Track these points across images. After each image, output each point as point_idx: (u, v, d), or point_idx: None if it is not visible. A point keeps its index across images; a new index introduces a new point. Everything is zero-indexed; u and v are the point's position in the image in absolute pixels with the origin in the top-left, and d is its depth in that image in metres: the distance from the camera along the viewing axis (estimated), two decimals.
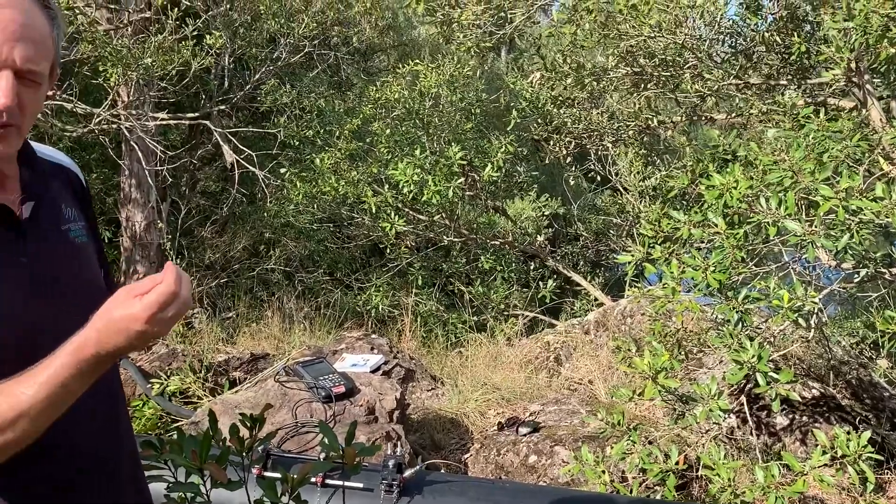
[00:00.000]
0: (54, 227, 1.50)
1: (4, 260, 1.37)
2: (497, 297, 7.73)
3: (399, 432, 3.77)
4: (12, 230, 1.40)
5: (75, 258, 1.52)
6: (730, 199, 3.34)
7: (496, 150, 6.80)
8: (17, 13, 1.29)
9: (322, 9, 7.88)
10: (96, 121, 5.96)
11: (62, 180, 1.60)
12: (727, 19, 5.51)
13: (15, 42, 1.28)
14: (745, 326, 3.29)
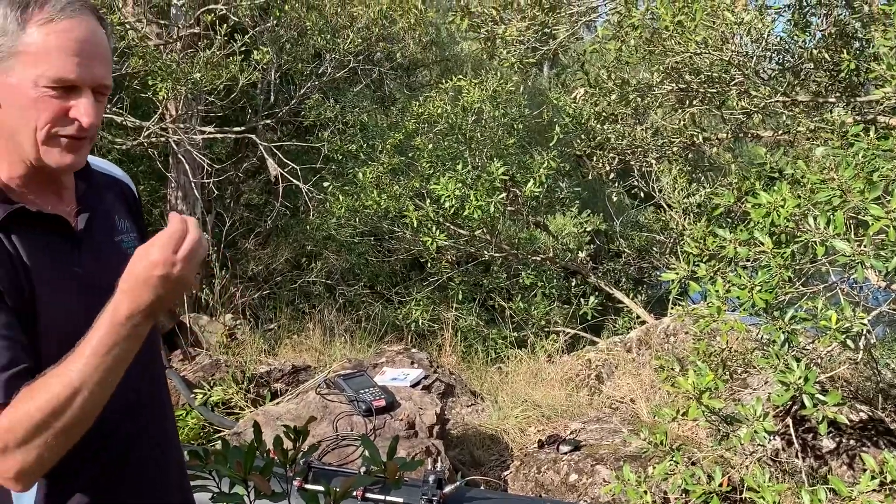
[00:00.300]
0: (108, 238, 1.53)
1: (60, 270, 1.40)
2: (538, 313, 7.70)
3: (439, 448, 3.76)
4: (68, 241, 1.43)
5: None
6: (777, 218, 3.29)
7: (539, 165, 6.79)
8: (89, 33, 1.34)
9: (367, 24, 7.98)
10: (145, 134, 6.10)
11: (115, 193, 1.64)
12: (775, 36, 5.45)
13: (91, 61, 1.33)
14: (792, 347, 3.24)
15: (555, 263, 7.99)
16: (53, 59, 1.30)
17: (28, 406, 1.21)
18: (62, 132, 1.34)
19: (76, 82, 1.32)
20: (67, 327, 1.34)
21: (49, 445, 1.21)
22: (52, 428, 1.21)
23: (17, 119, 1.33)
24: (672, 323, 5.63)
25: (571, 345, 7.31)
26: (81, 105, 1.33)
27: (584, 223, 9.39)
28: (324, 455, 3.59)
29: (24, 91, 1.31)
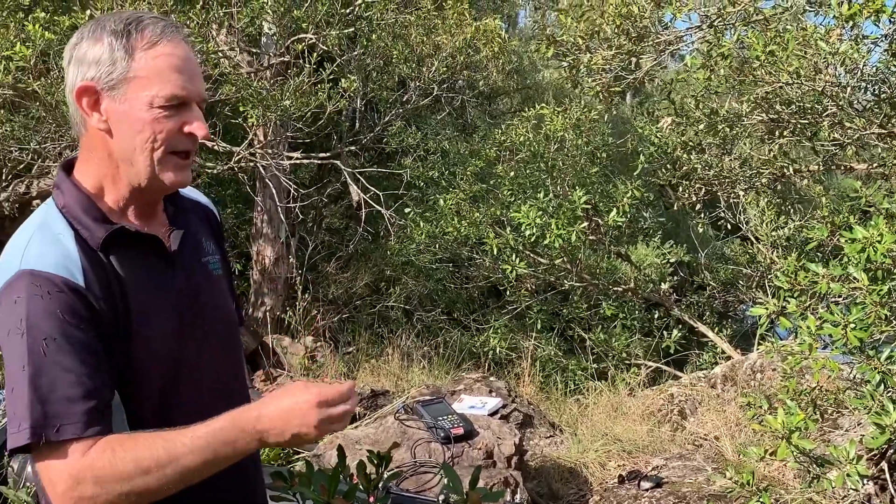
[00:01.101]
0: (196, 258, 1.61)
1: (156, 288, 1.47)
2: (618, 345, 7.61)
3: (517, 479, 3.75)
4: (163, 260, 1.51)
5: (214, 290, 1.63)
6: (873, 254, 3.21)
7: (622, 194, 6.74)
8: (188, 51, 1.45)
9: (452, 53, 8.09)
10: (235, 159, 6.30)
11: (200, 216, 1.71)
12: (870, 66, 5.32)
13: (194, 77, 1.44)
14: (888, 388, 3.14)
15: (636, 295, 7.89)
16: (165, 80, 1.39)
17: (124, 454, 1.27)
18: (178, 148, 1.43)
19: (187, 98, 1.42)
20: (160, 344, 1.41)
21: (123, 497, 1.27)
22: (133, 483, 1.26)
23: (132, 143, 1.41)
24: (759, 359, 5.50)
25: (653, 379, 7.20)
26: (194, 120, 1.43)
27: (667, 254, 9.28)
28: (402, 481, 3.62)
29: (137, 114, 1.40)
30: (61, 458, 1.26)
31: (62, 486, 1.25)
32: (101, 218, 1.43)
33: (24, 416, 1.26)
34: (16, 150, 6.17)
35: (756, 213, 7.80)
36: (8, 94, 5.57)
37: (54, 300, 1.31)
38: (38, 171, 6.47)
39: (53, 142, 6.13)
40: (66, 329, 1.30)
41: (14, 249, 1.38)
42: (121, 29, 1.39)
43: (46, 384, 1.27)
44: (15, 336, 1.29)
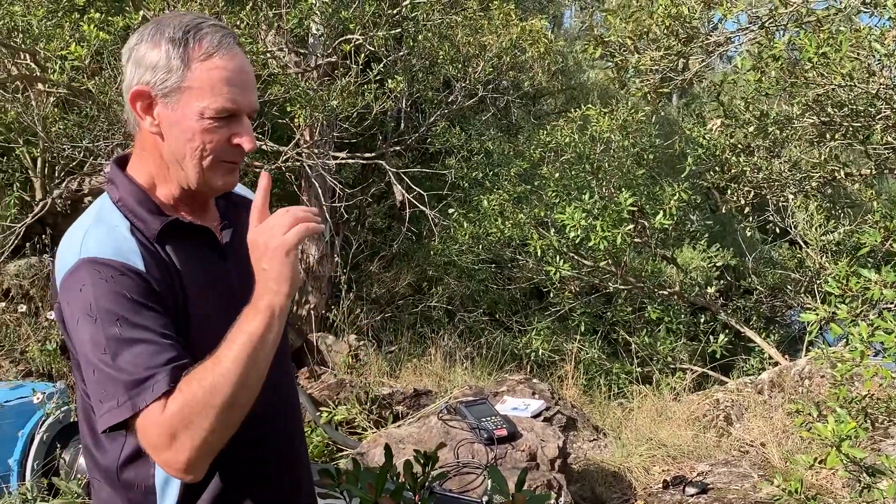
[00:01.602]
0: (247, 253, 1.65)
1: (209, 278, 1.52)
2: (663, 349, 7.55)
3: (561, 482, 3.75)
4: (215, 252, 1.56)
5: None
6: None
7: (669, 197, 6.69)
8: (243, 63, 1.47)
9: (498, 54, 8.09)
10: (283, 158, 6.38)
11: (250, 213, 1.77)
12: None
13: (247, 90, 1.47)
14: None
15: (682, 298, 7.83)
16: (217, 92, 1.42)
17: (191, 387, 1.30)
18: (226, 158, 1.47)
19: (237, 111, 1.45)
20: (214, 333, 1.43)
21: (212, 428, 1.29)
22: (213, 407, 1.28)
23: (182, 149, 1.45)
24: (807, 365, 5.43)
25: (698, 383, 7.14)
26: (243, 132, 1.46)
27: (713, 257, 9.18)
28: (445, 481, 3.64)
29: (189, 123, 1.44)
30: (151, 424, 1.30)
31: (163, 450, 1.29)
32: (156, 210, 1.49)
33: (117, 393, 1.30)
34: (69, 148, 6.31)
35: (805, 217, 7.69)
36: (62, 92, 5.71)
37: (118, 282, 1.35)
38: (90, 168, 6.61)
39: (105, 140, 6.25)
40: (134, 307, 1.35)
41: (72, 241, 1.43)
42: (179, 37, 1.42)
43: (129, 360, 1.31)
44: (87, 323, 1.34)
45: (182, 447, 1.28)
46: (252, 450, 1.54)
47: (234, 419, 1.33)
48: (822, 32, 4.80)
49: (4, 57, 5.83)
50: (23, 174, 6.74)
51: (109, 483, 1.50)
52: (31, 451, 3.94)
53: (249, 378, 1.32)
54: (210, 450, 1.31)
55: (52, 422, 4.02)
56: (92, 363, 1.33)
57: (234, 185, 1.55)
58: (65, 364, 5.21)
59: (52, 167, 6.73)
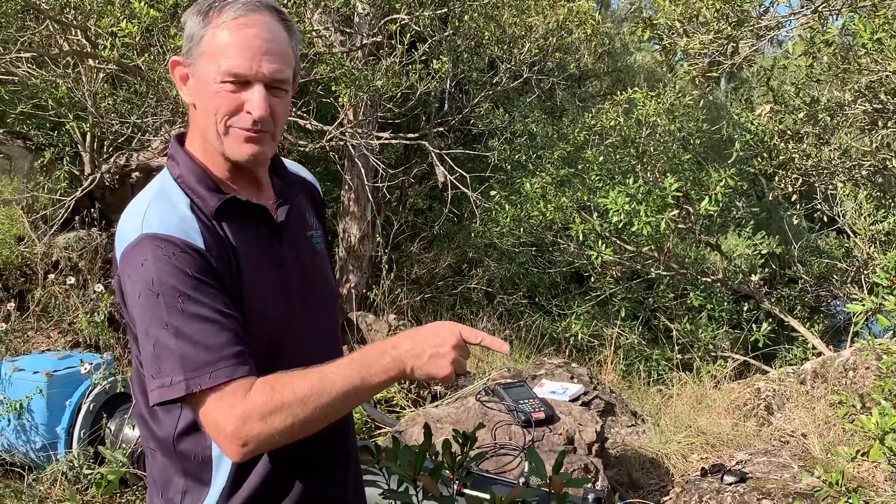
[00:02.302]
0: (301, 232, 1.67)
1: (263, 255, 1.54)
2: (705, 337, 7.49)
3: (598, 466, 3.75)
4: (269, 230, 1.57)
5: (317, 263, 1.69)
6: None
7: (715, 182, 6.61)
8: (262, 30, 1.45)
9: (544, 35, 8.04)
10: (327, 137, 6.41)
11: (305, 192, 1.77)
12: None
13: (262, 56, 1.45)
14: None
15: (725, 285, 7.75)
16: (226, 55, 1.43)
17: (284, 386, 1.34)
18: (237, 125, 1.47)
19: (247, 76, 1.44)
20: (268, 309, 1.47)
21: (283, 431, 1.33)
22: (293, 415, 1.33)
23: (205, 114, 1.48)
24: (852, 357, 5.35)
25: (740, 372, 7.07)
26: (252, 98, 1.45)
27: (758, 245, 9.08)
28: (481, 462, 3.67)
29: (206, 87, 1.46)
30: (224, 401, 1.32)
31: (231, 427, 1.31)
32: (214, 188, 1.51)
33: (174, 370, 1.33)
34: (117, 124, 6.41)
35: (854, 206, 7.55)
36: (112, 69, 5.78)
37: (180, 259, 1.37)
38: (138, 144, 6.71)
39: (153, 116, 6.34)
40: (196, 284, 1.37)
41: (133, 216, 1.45)
42: (205, 7, 1.45)
43: (190, 337, 1.34)
44: (150, 297, 1.36)
45: (249, 433, 1.31)
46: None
47: (304, 432, 1.37)
48: (877, 17, 4.69)
49: (56, 32, 5.92)
50: (72, 149, 6.85)
51: (165, 453, 1.53)
52: (78, 419, 4.04)
53: (338, 408, 1.37)
54: (271, 445, 1.36)
55: (99, 392, 4.12)
56: (151, 338, 1.36)
57: (262, 157, 1.53)
58: (112, 335, 5.31)
59: (101, 142, 6.82)
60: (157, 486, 1.57)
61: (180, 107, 5.77)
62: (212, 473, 1.51)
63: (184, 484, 1.52)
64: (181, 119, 6.03)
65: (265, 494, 1.54)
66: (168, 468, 1.53)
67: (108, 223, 6.26)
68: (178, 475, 1.52)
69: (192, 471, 1.51)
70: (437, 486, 1.91)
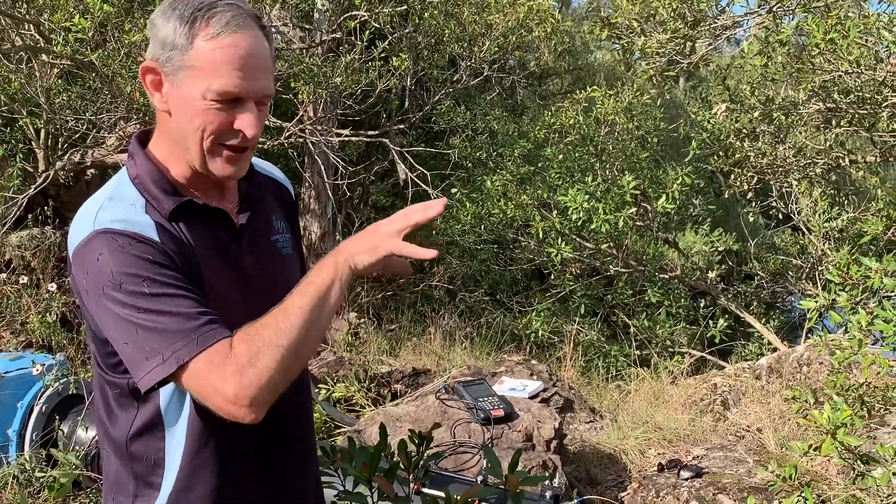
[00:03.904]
0: (265, 236, 1.64)
1: (222, 258, 1.51)
2: (662, 333, 7.56)
3: (556, 462, 3.76)
4: (229, 234, 1.55)
5: (280, 267, 1.65)
6: None
7: (672, 180, 6.67)
8: (253, 46, 1.42)
9: (504, 33, 8.04)
10: (286, 134, 6.35)
11: (274, 193, 1.74)
12: None
13: (254, 74, 1.42)
14: None
15: (683, 282, 7.83)
16: (219, 74, 1.38)
17: (257, 329, 1.33)
18: (226, 142, 1.44)
19: (240, 95, 1.41)
20: (230, 315, 1.42)
21: (277, 367, 1.31)
22: (278, 347, 1.31)
23: (186, 126, 1.43)
24: (806, 352, 5.43)
25: (696, 368, 7.15)
26: (245, 117, 1.42)
27: (715, 242, 9.18)
28: (440, 460, 3.65)
29: (192, 102, 1.41)
30: (214, 363, 1.31)
31: (232, 388, 1.29)
32: (171, 190, 1.48)
33: (161, 347, 1.31)
34: (72, 120, 6.29)
35: (808, 204, 7.66)
36: (66, 64, 5.67)
37: (136, 248, 1.35)
38: (93, 140, 6.59)
39: (108, 112, 6.23)
40: (156, 269, 1.35)
41: (86, 214, 1.42)
42: (188, 15, 1.38)
43: (165, 312, 1.32)
44: (111, 291, 1.33)
45: (249, 384, 1.29)
46: (269, 418, 1.53)
47: (296, 366, 1.35)
48: (830, 18, 4.75)
49: (9, 27, 5.79)
50: (26, 145, 6.72)
51: (118, 455, 1.51)
52: (30, 421, 3.95)
53: (312, 328, 1.34)
54: (273, 389, 1.32)
55: (52, 393, 4.03)
56: (125, 327, 1.34)
57: (240, 174, 1.51)
58: (65, 336, 5.21)
59: (56, 139, 6.70)
60: (111, 488, 1.56)
61: (135, 103, 5.67)
62: (162, 477, 1.49)
63: (133, 487, 1.51)
64: (136, 116, 5.93)
65: (218, 496, 1.52)
66: (120, 470, 1.52)
67: (62, 221, 6.14)
68: (129, 478, 1.51)
69: (141, 474, 1.50)
70: (391, 486, 1.90)
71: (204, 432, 1.48)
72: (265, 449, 1.57)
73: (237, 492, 1.55)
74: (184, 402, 1.47)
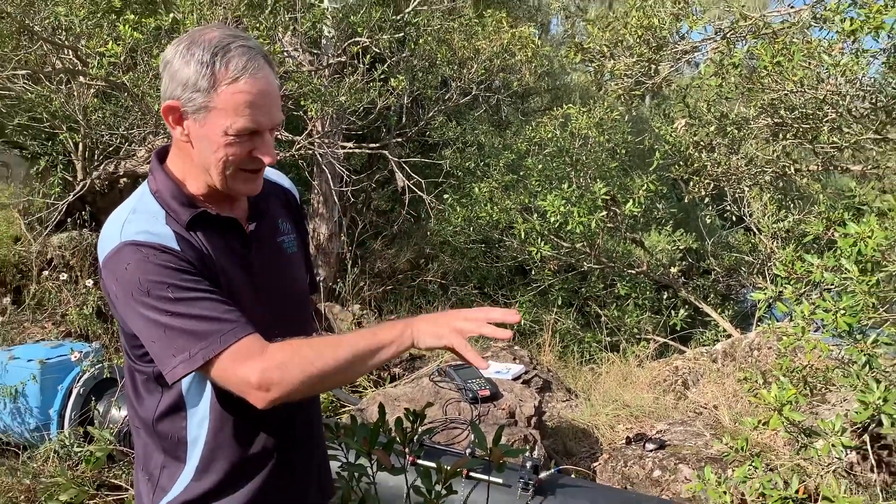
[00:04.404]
0: (272, 239, 1.64)
1: (235, 264, 1.51)
2: (630, 321, 7.56)
3: (536, 437, 3.76)
4: (241, 240, 1.55)
5: (287, 266, 1.66)
6: (864, 248, 3.15)
7: (638, 187, 6.67)
8: (267, 84, 1.43)
9: (490, 57, 8.03)
10: (296, 147, 6.33)
11: (280, 198, 1.74)
12: (869, 77, 5.18)
13: (270, 109, 1.44)
14: (873, 369, 3.09)
15: (648, 277, 7.83)
16: (240, 114, 1.40)
17: (302, 344, 1.35)
18: (247, 167, 1.47)
19: (258, 129, 1.43)
20: (245, 312, 1.42)
21: (300, 380, 1.32)
22: (309, 365, 1.32)
23: (208, 156, 1.44)
24: (756, 338, 5.43)
25: (660, 352, 7.14)
26: (264, 147, 1.45)
27: (677, 241, 9.16)
28: (434, 435, 3.64)
29: (214, 137, 1.42)
30: (240, 358, 1.32)
31: (255, 378, 1.31)
32: (187, 203, 1.48)
33: (188, 344, 1.33)
34: (106, 135, 6.27)
35: (759, 207, 7.66)
36: (101, 85, 5.65)
37: (160, 258, 1.36)
38: (126, 153, 6.56)
39: (138, 128, 6.21)
40: (180, 276, 1.36)
41: (113, 226, 1.43)
42: (208, 59, 1.38)
43: (191, 314, 1.34)
44: (140, 296, 1.35)
45: (271, 381, 1.31)
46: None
47: (319, 388, 1.38)
48: (777, 43, 4.76)
49: (49, 52, 5.77)
50: (66, 157, 6.69)
51: (147, 432, 1.53)
52: (69, 403, 3.94)
53: (350, 369, 1.36)
54: (289, 396, 1.33)
55: (88, 377, 4.02)
56: (153, 329, 1.35)
57: (257, 191, 1.53)
58: (100, 326, 5.19)
59: (92, 151, 6.67)
60: (141, 460, 1.57)
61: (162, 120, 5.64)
62: (186, 453, 1.50)
63: (163, 460, 1.52)
64: (164, 131, 5.91)
65: (234, 477, 1.52)
66: (149, 445, 1.53)
67: (98, 224, 6.11)
68: (157, 452, 1.52)
69: (168, 449, 1.51)
70: (389, 458, 1.90)
71: (223, 415, 1.49)
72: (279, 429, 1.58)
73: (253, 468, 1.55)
74: (204, 388, 1.48)
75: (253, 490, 1.54)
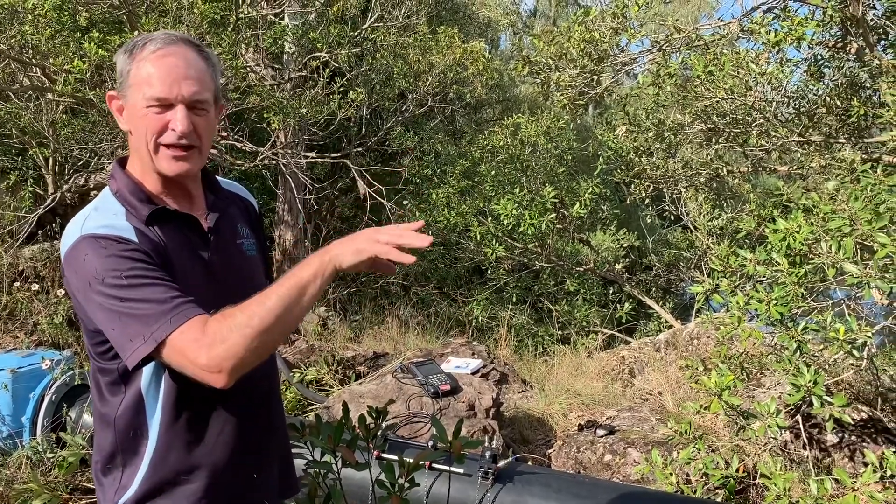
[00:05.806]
0: (231, 239, 1.61)
1: (192, 259, 1.49)
2: (580, 315, 7.60)
3: (494, 427, 3.73)
4: (199, 236, 1.52)
5: (245, 266, 1.62)
6: (793, 242, 3.19)
7: (584, 190, 6.72)
8: (179, 59, 1.43)
9: (443, 70, 8.00)
10: (260, 157, 6.22)
11: (240, 207, 1.71)
12: (792, 85, 5.28)
13: (181, 81, 1.42)
14: (803, 354, 3.13)
15: (595, 273, 7.88)
16: (150, 84, 1.41)
17: (233, 312, 1.29)
18: (164, 141, 1.43)
19: (168, 99, 1.42)
20: (195, 301, 1.38)
21: (245, 345, 1.26)
22: (249, 327, 1.26)
23: (138, 136, 1.45)
24: (696, 328, 5.49)
25: (608, 343, 7.19)
26: (175, 118, 1.42)
27: (620, 240, 9.25)
28: (397, 429, 3.59)
29: (136, 113, 1.43)
30: (187, 339, 1.27)
31: (203, 359, 1.26)
32: (146, 199, 1.47)
33: (141, 330, 1.28)
34: (76, 149, 6.10)
35: (695, 207, 7.77)
36: (68, 101, 5.48)
37: (116, 248, 1.34)
38: (95, 166, 6.38)
39: (106, 142, 6.05)
40: (134, 264, 1.33)
41: (75, 223, 1.42)
42: (130, 46, 1.44)
43: (142, 299, 1.30)
44: (96, 285, 1.32)
45: (217, 355, 1.25)
46: (236, 399, 1.50)
47: (267, 345, 1.30)
48: (708, 54, 4.82)
49: (18, 70, 5.58)
50: (36, 171, 6.48)
51: (110, 430, 1.48)
52: (41, 410, 3.80)
53: (286, 315, 1.29)
54: (241, 363, 1.27)
55: (60, 385, 3.88)
56: (109, 317, 1.31)
57: (187, 172, 1.48)
58: (70, 334, 5.01)
59: (62, 165, 6.48)
60: (101, 457, 1.52)
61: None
62: (145, 447, 1.46)
63: (121, 458, 1.48)
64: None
65: (190, 467, 1.48)
66: (113, 443, 1.49)
67: None
68: (117, 448, 1.49)
69: (128, 446, 1.47)
70: (353, 454, 1.85)
71: (176, 407, 1.45)
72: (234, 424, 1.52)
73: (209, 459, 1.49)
74: (160, 383, 1.44)
75: (210, 480, 1.49)
